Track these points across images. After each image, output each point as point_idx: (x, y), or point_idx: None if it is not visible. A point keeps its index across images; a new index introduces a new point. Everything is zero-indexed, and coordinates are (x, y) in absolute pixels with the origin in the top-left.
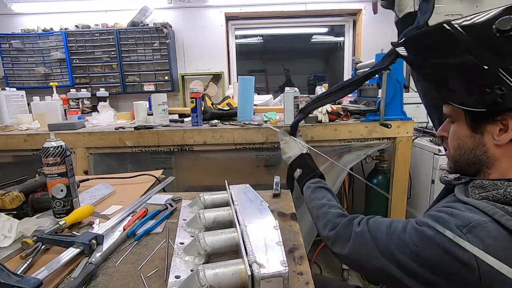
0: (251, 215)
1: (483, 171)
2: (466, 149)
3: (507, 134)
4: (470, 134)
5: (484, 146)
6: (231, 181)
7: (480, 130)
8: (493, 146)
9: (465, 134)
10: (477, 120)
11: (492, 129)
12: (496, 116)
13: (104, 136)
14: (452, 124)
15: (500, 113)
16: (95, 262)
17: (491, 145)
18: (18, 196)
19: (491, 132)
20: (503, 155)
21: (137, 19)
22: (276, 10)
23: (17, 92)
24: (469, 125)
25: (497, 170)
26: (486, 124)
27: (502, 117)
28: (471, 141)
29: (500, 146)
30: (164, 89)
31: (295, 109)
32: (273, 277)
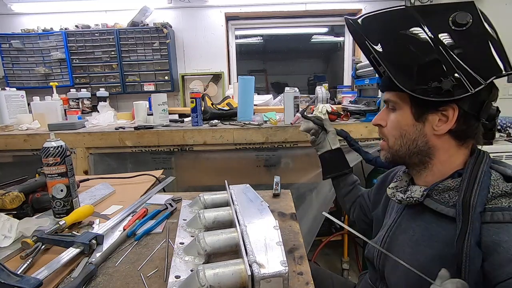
0: (251, 215)
1: (425, 162)
2: (408, 139)
3: (446, 125)
4: (413, 123)
5: (425, 136)
6: (231, 181)
7: (423, 119)
8: (432, 136)
9: (408, 123)
10: (422, 109)
11: (433, 119)
12: (439, 106)
13: (104, 136)
14: (392, 112)
15: (443, 103)
16: (95, 262)
17: (431, 135)
18: (18, 196)
19: (431, 122)
20: (441, 145)
21: (137, 19)
22: (276, 10)
23: (17, 92)
24: (413, 113)
25: (438, 160)
26: (428, 113)
27: (444, 107)
28: (413, 130)
29: (438, 136)
30: (164, 89)
31: (295, 109)
32: (273, 277)
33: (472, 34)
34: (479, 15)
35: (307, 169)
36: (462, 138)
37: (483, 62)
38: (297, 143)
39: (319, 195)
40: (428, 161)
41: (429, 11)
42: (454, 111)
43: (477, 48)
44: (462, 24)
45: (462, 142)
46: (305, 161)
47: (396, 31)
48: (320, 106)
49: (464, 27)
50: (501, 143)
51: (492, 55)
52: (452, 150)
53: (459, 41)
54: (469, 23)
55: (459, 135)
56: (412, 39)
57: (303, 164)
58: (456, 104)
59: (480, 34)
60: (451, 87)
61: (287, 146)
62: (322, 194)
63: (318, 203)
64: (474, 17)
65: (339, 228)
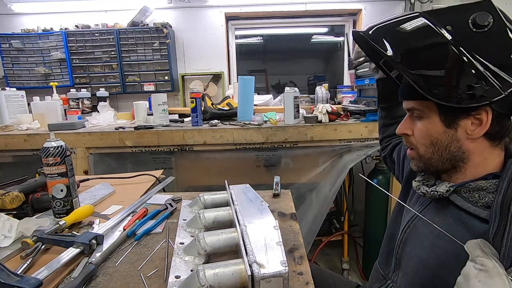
0: (251, 215)
1: (458, 166)
2: (440, 146)
3: (481, 128)
4: (444, 130)
5: (458, 141)
6: (231, 181)
7: (454, 125)
8: (467, 141)
9: (439, 130)
10: (452, 116)
11: (465, 124)
12: (471, 111)
13: (104, 136)
14: (418, 120)
15: (476, 107)
16: (95, 262)
17: (465, 139)
18: (18, 196)
19: (465, 127)
20: (476, 149)
21: (137, 19)
22: (276, 10)
23: (17, 92)
24: (443, 120)
25: (472, 164)
26: (460, 119)
27: (476, 111)
28: (445, 137)
29: (473, 140)
30: (164, 89)
31: (295, 109)
32: (273, 277)
33: (495, 34)
34: (499, 12)
35: (307, 169)
36: (497, 138)
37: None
38: (297, 143)
39: (319, 195)
40: (462, 165)
41: (445, 14)
42: (488, 114)
43: (503, 48)
44: (484, 26)
45: (496, 143)
46: (305, 161)
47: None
48: (320, 106)
49: (486, 28)
50: None
51: None
52: (487, 152)
53: (483, 43)
54: (491, 23)
55: (493, 136)
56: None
57: (303, 164)
58: (489, 107)
59: (503, 33)
60: (484, 92)
61: (287, 146)
62: (322, 194)
63: (318, 203)
64: (494, 15)
65: (339, 228)
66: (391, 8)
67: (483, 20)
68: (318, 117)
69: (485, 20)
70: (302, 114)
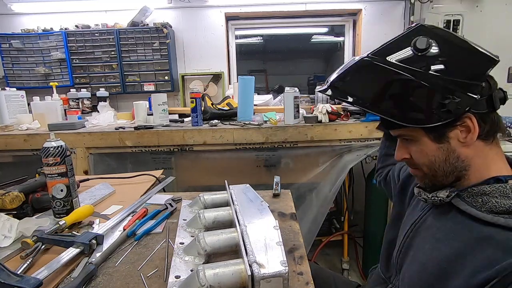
0: (251, 215)
1: (462, 175)
2: (440, 162)
3: (472, 134)
4: (438, 147)
5: (455, 152)
6: (231, 181)
7: (445, 139)
8: (462, 148)
9: (433, 148)
10: (439, 132)
11: (455, 134)
12: (455, 122)
13: (104, 136)
14: (410, 144)
15: (457, 118)
16: (95, 262)
17: (460, 147)
18: (18, 196)
19: (455, 137)
20: (474, 153)
21: (137, 19)
22: (276, 10)
23: (17, 92)
24: (432, 139)
25: (474, 168)
26: (448, 132)
27: (460, 121)
28: (441, 152)
29: (469, 146)
30: (164, 89)
31: (295, 109)
32: (273, 277)
33: (439, 52)
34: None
35: (307, 169)
36: (490, 136)
37: (469, 66)
38: (297, 143)
39: (319, 195)
40: (465, 173)
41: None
42: (472, 119)
43: (454, 59)
44: (425, 49)
45: (491, 140)
46: (305, 161)
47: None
48: (320, 106)
49: (429, 50)
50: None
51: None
52: (485, 152)
53: (433, 63)
54: (431, 44)
55: (486, 135)
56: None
57: (303, 164)
58: (470, 113)
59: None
60: (456, 104)
61: (287, 146)
62: (322, 194)
63: (318, 203)
64: (431, 35)
65: (339, 228)
66: (391, 8)
67: (422, 44)
68: (318, 117)
69: (424, 44)
70: (302, 114)
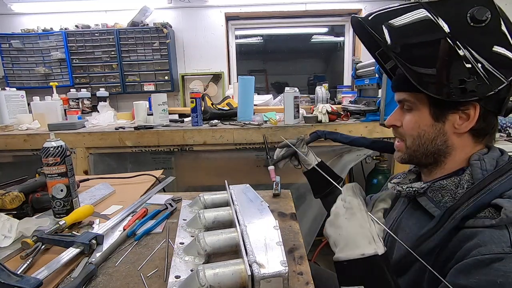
0: (251, 215)
1: (440, 161)
2: (427, 139)
3: (468, 123)
4: (432, 123)
5: (445, 135)
6: (231, 181)
7: (443, 119)
8: (453, 135)
9: (427, 123)
10: (442, 109)
11: (454, 118)
12: (460, 105)
13: (104, 136)
14: (407, 113)
15: (465, 102)
16: (95, 262)
17: (451, 133)
18: (18, 196)
19: (452, 121)
20: (460, 144)
21: (137, 19)
22: (276, 10)
23: (17, 92)
24: (432, 113)
25: (453, 159)
26: (449, 113)
27: (465, 106)
28: (432, 130)
29: (459, 135)
30: (164, 89)
31: (295, 109)
32: (273, 277)
33: (491, 30)
34: (497, 9)
35: None
36: (481, 135)
37: (504, 59)
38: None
39: None
40: (443, 160)
41: (444, 6)
42: (476, 110)
43: (498, 45)
44: (482, 21)
45: (479, 140)
46: None
47: (412, 29)
48: (320, 106)
49: (483, 23)
50: (501, 143)
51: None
52: (469, 148)
53: (479, 38)
54: (488, 19)
55: (478, 132)
56: (430, 37)
57: None
58: (478, 103)
59: (499, 30)
60: (475, 87)
61: None
62: None
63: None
64: (493, 11)
65: None
66: None
67: (481, 15)
68: (318, 117)
69: (483, 15)
70: (302, 114)
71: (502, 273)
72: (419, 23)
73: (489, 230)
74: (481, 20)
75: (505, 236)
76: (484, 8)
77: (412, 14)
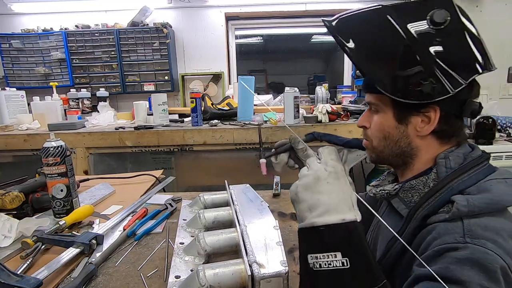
0: (251, 215)
1: (408, 163)
2: (391, 140)
3: (429, 126)
4: (396, 125)
5: (408, 137)
6: (231, 181)
7: (405, 121)
8: (415, 138)
9: (391, 125)
10: (404, 112)
11: (415, 121)
12: (421, 108)
13: (104, 136)
14: (375, 114)
15: (425, 105)
16: (95, 262)
17: (414, 136)
18: (18, 196)
19: (414, 123)
20: (424, 146)
21: (137, 19)
22: (276, 10)
23: (17, 92)
24: (395, 116)
25: (420, 160)
26: (411, 115)
27: (426, 109)
28: (396, 132)
29: (421, 137)
30: (164, 89)
31: (295, 109)
32: (273, 277)
33: (450, 33)
34: (457, 11)
35: None
36: (445, 137)
37: (463, 61)
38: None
39: None
40: (411, 161)
41: (405, 9)
42: (436, 112)
43: (456, 47)
44: (440, 23)
45: (445, 141)
46: None
47: (372, 32)
48: (320, 106)
49: (442, 26)
50: (501, 143)
51: (472, 53)
52: (434, 150)
53: (437, 40)
54: (447, 21)
55: (441, 135)
56: (389, 40)
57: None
58: (438, 106)
59: (459, 32)
60: (431, 89)
61: None
62: None
63: None
64: (452, 14)
65: None
66: None
67: (440, 18)
68: (318, 117)
69: (442, 18)
70: (302, 114)
71: (455, 260)
72: (379, 26)
73: (445, 223)
74: (440, 23)
75: (459, 227)
76: (444, 11)
77: (373, 18)
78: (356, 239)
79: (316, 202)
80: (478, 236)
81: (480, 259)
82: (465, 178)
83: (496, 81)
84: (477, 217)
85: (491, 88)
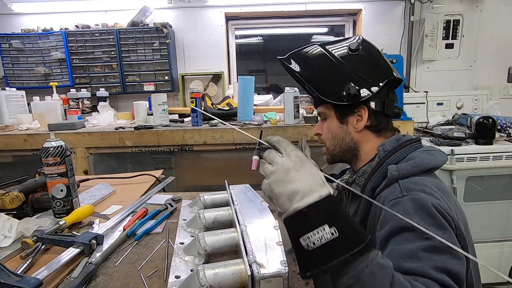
0: (251, 215)
1: (356, 155)
2: (338, 139)
3: (362, 122)
4: (339, 126)
5: (350, 134)
6: (231, 181)
7: (345, 121)
8: (355, 133)
9: (336, 126)
10: (343, 113)
11: (352, 120)
12: (354, 109)
13: (104, 136)
14: (325, 121)
15: (356, 106)
16: (95, 262)
17: (354, 132)
18: (18, 196)
19: (352, 122)
20: (364, 139)
21: (137, 19)
22: (276, 10)
23: (17, 92)
24: (338, 118)
25: (364, 151)
26: (348, 116)
27: (357, 109)
28: (340, 131)
29: (359, 132)
30: (164, 89)
31: (295, 109)
32: (273, 277)
33: (363, 55)
34: (367, 42)
35: None
36: (378, 130)
37: (375, 71)
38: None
39: None
40: (357, 153)
41: (334, 44)
42: (365, 111)
43: (369, 63)
44: (356, 49)
45: (379, 134)
46: None
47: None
48: None
49: (358, 52)
50: (501, 143)
51: (379, 65)
52: (373, 141)
53: (355, 60)
54: (360, 48)
55: (374, 129)
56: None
57: None
58: (365, 105)
59: (368, 53)
60: (356, 92)
61: None
62: None
63: None
64: (363, 44)
65: None
66: (391, 8)
67: (354, 46)
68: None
69: (355, 46)
70: (302, 114)
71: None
72: (317, 56)
73: (387, 189)
74: (355, 49)
75: (397, 188)
76: (357, 42)
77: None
78: (335, 208)
79: (293, 191)
80: (411, 189)
81: (417, 201)
82: (398, 155)
83: (496, 81)
84: (408, 178)
85: (491, 88)
